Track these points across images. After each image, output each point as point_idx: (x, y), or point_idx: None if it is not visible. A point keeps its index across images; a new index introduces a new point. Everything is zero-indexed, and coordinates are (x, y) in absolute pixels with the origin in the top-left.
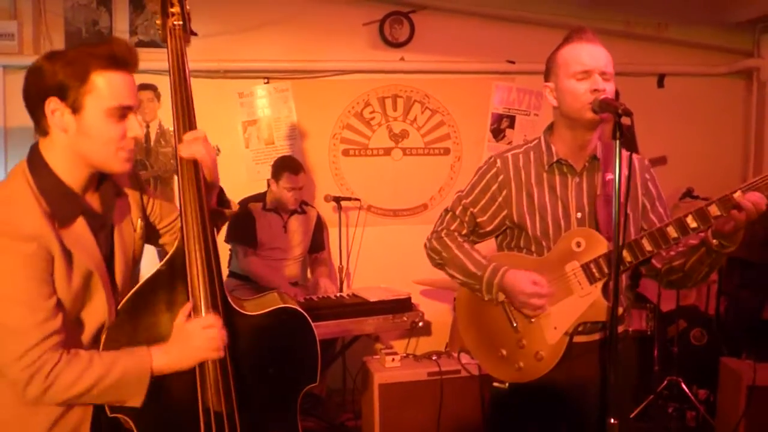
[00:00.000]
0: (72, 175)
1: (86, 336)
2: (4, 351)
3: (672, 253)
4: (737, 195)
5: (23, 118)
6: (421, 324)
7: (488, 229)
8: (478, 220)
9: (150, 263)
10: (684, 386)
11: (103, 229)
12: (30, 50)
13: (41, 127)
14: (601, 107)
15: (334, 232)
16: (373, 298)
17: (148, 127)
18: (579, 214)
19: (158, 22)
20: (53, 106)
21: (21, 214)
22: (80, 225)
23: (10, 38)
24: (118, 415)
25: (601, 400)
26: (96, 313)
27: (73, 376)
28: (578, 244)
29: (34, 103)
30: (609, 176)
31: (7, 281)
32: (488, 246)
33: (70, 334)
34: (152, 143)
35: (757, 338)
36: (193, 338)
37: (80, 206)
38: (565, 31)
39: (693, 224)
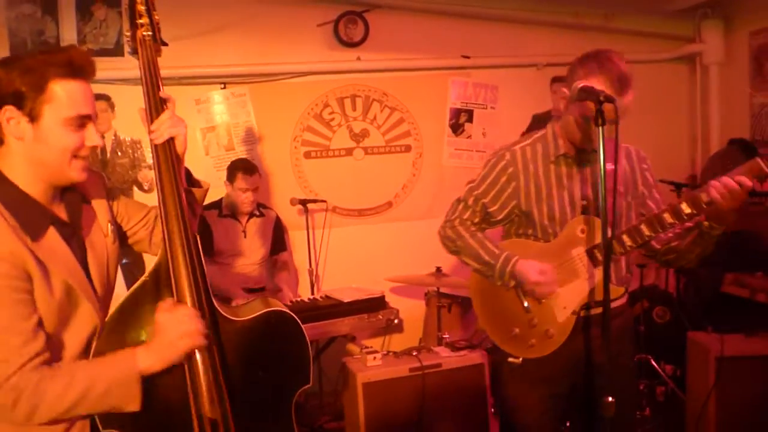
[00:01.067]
0: (34, 185)
1: (77, 347)
2: None
3: (669, 234)
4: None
5: None
6: (396, 321)
7: (499, 218)
8: (489, 210)
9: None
10: (654, 363)
11: (74, 237)
12: None
13: None
14: (580, 96)
15: (301, 235)
16: (347, 299)
17: (103, 137)
18: (584, 202)
19: (127, 33)
20: (9, 114)
21: None
22: (52, 236)
23: None
24: (111, 430)
25: (597, 377)
26: (84, 322)
27: (58, 390)
28: (582, 231)
29: None
30: (609, 166)
31: None
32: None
33: (60, 347)
34: (108, 154)
35: (717, 312)
36: (169, 329)
37: (49, 216)
38: (517, 25)
39: (687, 210)
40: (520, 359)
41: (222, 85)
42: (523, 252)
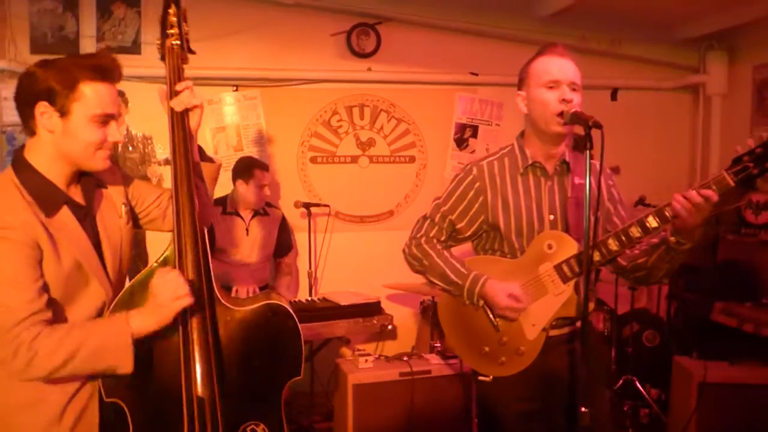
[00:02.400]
0: (55, 172)
1: (87, 318)
2: None
3: (636, 251)
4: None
5: None
6: (390, 327)
7: (467, 234)
8: (457, 226)
9: None
10: (638, 385)
11: (87, 218)
12: None
13: (29, 127)
14: (572, 120)
15: (303, 238)
16: (344, 302)
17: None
18: (552, 216)
19: (158, 41)
20: (42, 109)
21: (5, 206)
22: (65, 214)
23: None
24: (113, 400)
25: (571, 389)
26: (92, 299)
27: (53, 343)
28: (549, 246)
29: (25, 104)
30: (578, 180)
31: None
32: (463, 248)
33: (63, 320)
34: (119, 149)
35: (705, 339)
36: (159, 291)
37: (63, 196)
38: (525, 45)
39: (653, 224)
40: (490, 377)
41: (234, 88)
42: (490, 269)
